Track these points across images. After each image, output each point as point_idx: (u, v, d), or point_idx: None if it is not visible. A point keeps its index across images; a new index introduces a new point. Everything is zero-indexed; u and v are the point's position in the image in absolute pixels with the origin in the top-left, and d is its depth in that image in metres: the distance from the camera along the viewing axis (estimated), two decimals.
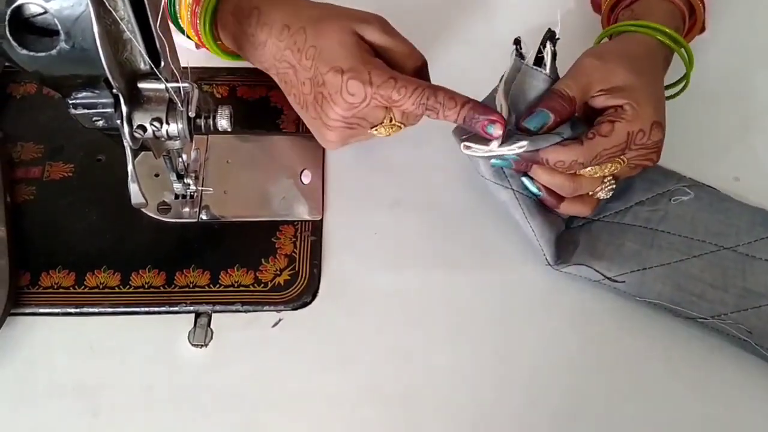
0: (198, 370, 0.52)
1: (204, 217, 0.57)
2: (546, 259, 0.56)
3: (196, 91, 0.47)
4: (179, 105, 0.46)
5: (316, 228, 0.58)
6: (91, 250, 0.55)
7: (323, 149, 0.61)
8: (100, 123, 0.46)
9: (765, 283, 0.54)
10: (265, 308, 0.54)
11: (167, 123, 0.46)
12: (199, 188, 0.58)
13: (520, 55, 0.51)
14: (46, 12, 0.40)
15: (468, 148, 0.50)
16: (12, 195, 0.57)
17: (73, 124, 0.47)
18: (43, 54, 0.42)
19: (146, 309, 0.54)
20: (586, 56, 0.53)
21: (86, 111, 0.45)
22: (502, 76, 0.51)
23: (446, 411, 0.51)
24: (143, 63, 0.45)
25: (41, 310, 0.53)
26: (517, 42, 0.51)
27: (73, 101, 0.45)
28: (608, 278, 0.54)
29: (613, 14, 0.61)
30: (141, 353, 0.52)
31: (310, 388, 0.52)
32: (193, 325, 0.53)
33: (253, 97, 0.63)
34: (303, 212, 0.58)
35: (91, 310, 0.53)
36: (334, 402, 0.51)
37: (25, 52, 0.42)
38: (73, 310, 0.53)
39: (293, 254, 0.56)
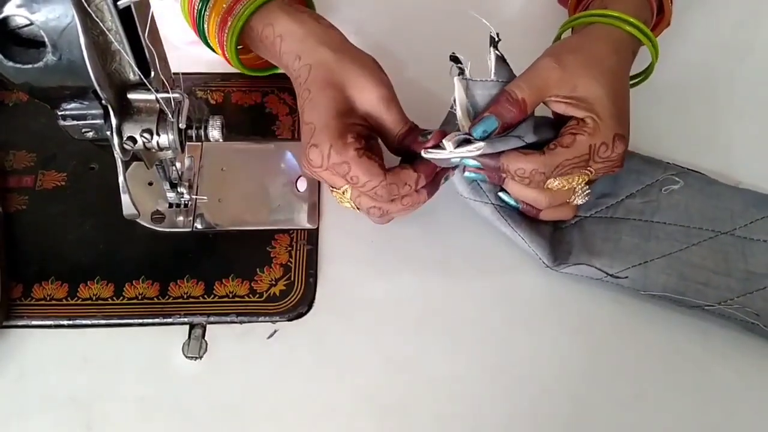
0: (192, 382, 0.51)
1: (198, 226, 0.57)
2: (543, 262, 0.55)
3: (187, 101, 0.46)
4: (170, 116, 0.45)
5: (311, 236, 0.57)
6: (84, 260, 0.55)
7: None
8: (90, 134, 0.46)
9: (766, 263, 0.54)
10: (260, 319, 0.53)
11: (158, 134, 0.45)
12: (194, 197, 0.57)
13: (461, 72, 0.49)
14: (32, 24, 0.40)
15: (429, 152, 0.49)
16: (4, 205, 0.56)
17: (65, 132, 0.46)
18: (30, 66, 0.41)
19: (140, 321, 0.53)
20: (544, 56, 0.51)
21: (75, 122, 0.45)
22: (453, 98, 0.50)
23: (443, 421, 0.51)
24: (132, 74, 0.44)
25: (34, 323, 0.53)
26: (454, 59, 0.49)
27: (62, 113, 0.45)
28: (611, 275, 0.54)
29: (582, 4, 0.59)
30: (135, 365, 0.52)
31: (305, 400, 0.51)
32: (187, 337, 0.53)
33: (248, 103, 0.63)
34: (299, 220, 0.57)
35: (84, 322, 0.53)
36: (330, 413, 0.51)
37: (11, 64, 0.41)
38: (66, 322, 0.53)
39: (289, 264, 0.55)
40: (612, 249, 0.55)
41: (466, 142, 0.49)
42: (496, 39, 0.49)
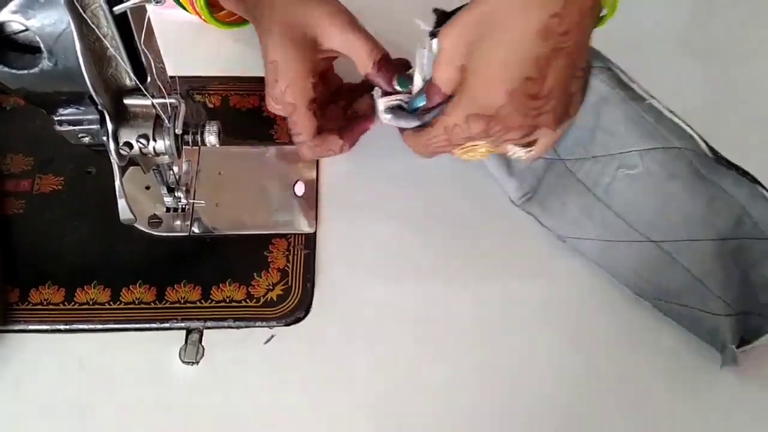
0: (189, 387, 0.51)
1: (196, 230, 0.56)
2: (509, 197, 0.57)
3: (183, 106, 0.46)
4: (166, 121, 0.45)
5: (309, 241, 0.57)
6: (81, 265, 0.55)
7: (317, 160, 0.60)
8: (86, 139, 0.46)
9: (678, 286, 0.52)
10: (257, 324, 0.53)
11: (154, 140, 0.45)
12: (191, 201, 0.57)
13: (433, 35, 0.47)
14: (27, 29, 0.39)
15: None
16: (1, 208, 0.56)
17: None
18: (25, 72, 0.41)
19: (136, 325, 0.53)
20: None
21: (72, 128, 0.45)
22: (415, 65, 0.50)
23: (441, 426, 0.51)
24: (129, 79, 0.44)
25: (31, 327, 0.52)
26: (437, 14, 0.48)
27: (59, 118, 0.44)
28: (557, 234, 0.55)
29: None
30: (131, 370, 0.52)
31: (303, 405, 0.51)
32: (184, 342, 0.52)
33: (245, 106, 0.62)
34: (296, 225, 0.57)
35: (80, 326, 0.52)
36: (327, 418, 0.51)
37: (7, 69, 0.41)
38: (62, 327, 0.52)
39: (286, 268, 0.55)
40: (558, 210, 0.56)
41: (399, 108, 0.51)
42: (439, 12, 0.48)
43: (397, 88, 0.51)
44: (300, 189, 0.59)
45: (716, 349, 0.52)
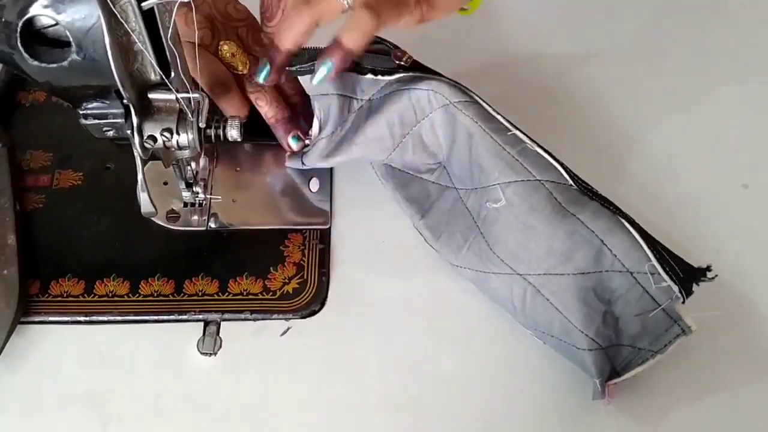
0: (207, 378, 0.52)
1: (212, 225, 0.57)
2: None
3: (207, 101, 0.47)
4: (190, 115, 0.46)
5: (324, 236, 0.58)
6: (100, 258, 0.56)
7: None
8: (111, 133, 0.46)
9: (546, 319, 0.52)
10: (273, 317, 0.54)
11: (177, 133, 0.46)
12: (208, 196, 0.58)
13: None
14: (57, 24, 0.40)
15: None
16: (21, 203, 0.57)
17: (81, 132, 0.47)
18: (54, 65, 0.42)
19: (155, 317, 0.54)
20: None
21: (97, 121, 0.46)
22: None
23: (455, 418, 0.51)
24: (154, 74, 0.45)
25: (51, 319, 0.53)
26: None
27: (84, 111, 0.45)
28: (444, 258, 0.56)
29: None
30: (150, 361, 0.52)
31: (318, 396, 0.52)
32: (202, 334, 0.53)
33: None
34: (311, 220, 0.58)
35: (100, 318, 0.53)
36: (342, 410, 0.51)
37: (36, 63, 0.42)
38: (82, 319, 0.53)
39: (301, 262, 0.56)
40: (447, 239, 0.56)
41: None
42: None
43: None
44: (315, 185, 0.60)
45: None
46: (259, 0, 0.55)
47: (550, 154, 0.52)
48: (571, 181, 0.51)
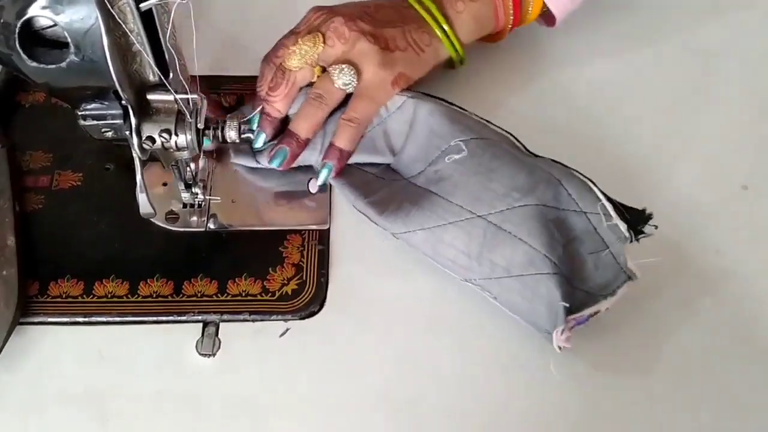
0: (206, 379, 0.52)
1: (212, 226, 0.57)
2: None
3: (205, 102, 0.47)
4: (188, 116, 0.46)
5: (323, 237, 0.58)
6: (99, 259, 0.56)
7: None
8: (109, 134, 0.47)
9: (506, 256, 0.52)
10: (272, 318, 0.54)
11: (176, 134, 0.46)
12: (207, 197, 0.58)
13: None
14: (56, 25, 0.41)
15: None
16: (21, 204, 0.57)
17: (81, 132, 0.47)
18: (52, 66, 0.42)
19: (154, 318, 0.54)
20: None
21: (95, 122, 0.46)
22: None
23: (455, 419, 0.51)
24: (152, 75, 0.45)
25: (50, 319, 0.53)
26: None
27: (83, 112, 0.46)
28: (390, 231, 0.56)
29: None
30: (149, 362, 0.52)
31: (318, 398, 0.52)
32: (200, 335, 0.53)
33: None
34: (310, 221, 0.58)
35: (99, 319, 0.53)
36: (342, 411, 0.51)
37: (34, 64, 0.42)
38: (81, 319, 0.53)
39: (300, 263, 0.56)
40: (395, 209, 0.56)
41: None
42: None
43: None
44: (314, 187, 0.60)
45: (548, 329, 0.52)
46: (260, 72, 0.58)
47: (504, 130, 0.59)
48: (525, 149, 0.58)
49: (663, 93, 0.67)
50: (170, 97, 0.46)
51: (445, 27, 0.58)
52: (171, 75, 0.45)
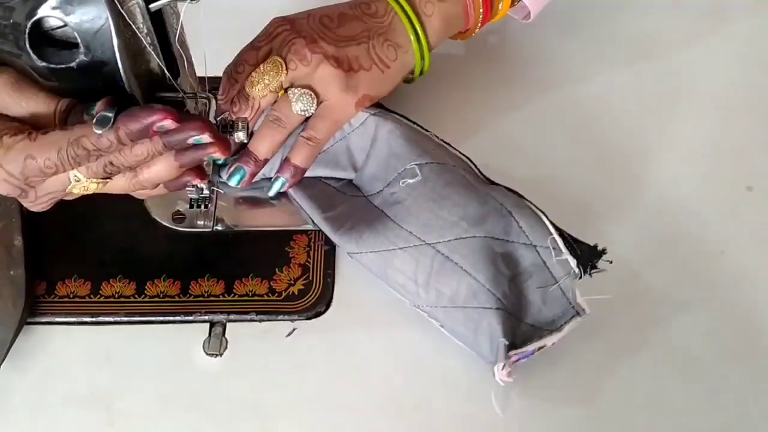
0: (213, 379, 0.52)
1: (218, 226, 0.58)
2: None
3: (214, 102, 0.47)
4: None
5: (329, 237, 0.58)
6: (106, 259, 0.56)
7: None
8: None
9: (452, 287, 0.52)
10: (279, 318, 0.54)
11: None
12: (214, 198, 0.58)
13: None
14: (66, 25, 0.41)
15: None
16: None
17: None
18: (62, 66, 0.42)
19: (161, 318, 0.54)
20: None
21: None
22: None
23: (461, 420, 0.51)
24: (161, 75, 0.45)
25: (57, 319, 0.54)
26: None
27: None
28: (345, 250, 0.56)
29: None
30: (156, 362, 0.53)
31: (324, 398, 0.52)
32: (207, 335, 0.54)
33: None
34: None
35: (106, 319, 0.54)
36: (348, 411, 0.51)
37: (44, 64, 0.42)
38: (88, 320, 0.54)
39: (307, 264, 0.56)
40: (349, 228, 0.55)
41: None
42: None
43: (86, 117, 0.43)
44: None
45: (492, 361, 0.51)
46: (221, 86, 0.56)
47: (463, 154, 0.58)
48: (481, 175, 0.57)
49: (665, 94, 0.67)
50: (179, 97, 0.46)
51: (419, 31, 0.57)
52: (180, 75, 0.45)
